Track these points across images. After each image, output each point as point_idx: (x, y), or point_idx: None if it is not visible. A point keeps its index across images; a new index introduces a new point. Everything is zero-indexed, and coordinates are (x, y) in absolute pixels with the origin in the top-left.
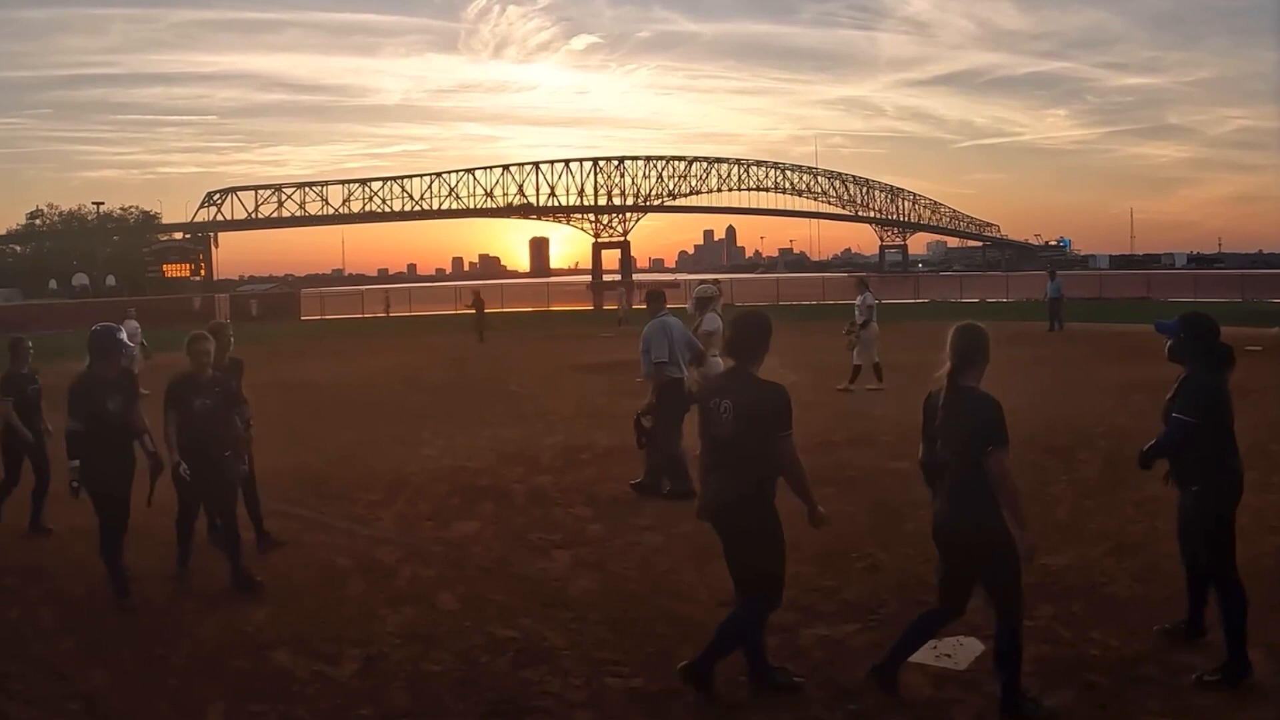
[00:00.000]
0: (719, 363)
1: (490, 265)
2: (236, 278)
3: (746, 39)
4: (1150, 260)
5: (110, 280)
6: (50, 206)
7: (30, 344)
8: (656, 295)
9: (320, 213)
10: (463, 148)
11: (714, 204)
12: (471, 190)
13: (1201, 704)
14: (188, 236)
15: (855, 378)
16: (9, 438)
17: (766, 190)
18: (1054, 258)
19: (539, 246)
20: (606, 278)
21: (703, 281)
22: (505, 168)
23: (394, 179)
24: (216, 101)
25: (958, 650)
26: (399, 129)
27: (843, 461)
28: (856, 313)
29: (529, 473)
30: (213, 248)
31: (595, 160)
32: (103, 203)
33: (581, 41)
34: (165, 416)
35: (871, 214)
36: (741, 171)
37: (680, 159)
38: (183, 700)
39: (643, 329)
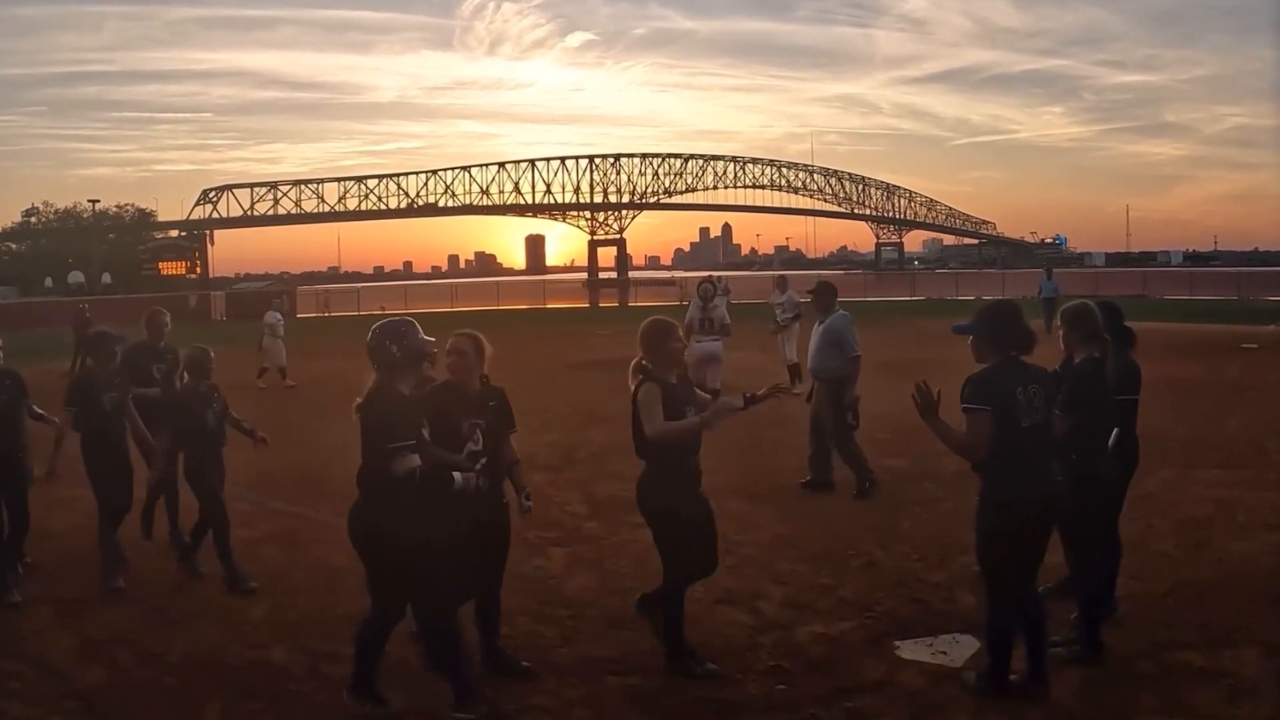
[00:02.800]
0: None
1: (486, 262)
2: (232, 275)
3: (743, 36)
4: (1146, 258)
5: (106, 278)
6: (45, 204)
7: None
8: (830, 288)
9: (316, 210)
10: (459, 145)
11: (710, 201)
12: (467, 188)
13: (1197, 700)
14: (183, 234)
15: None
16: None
17: (762, 188)
18: (1050, 255)
19: (534, 244)
20: (602, 275)
21: (707, 278)
22: (501, 165)
23: (390, 176)
24: (211, 99)
25: (954, 647)
26: (394, 126)
27: (840, 460)
28: (779, 311)
29: (525, 470)
30: (208, 245)
31: (591, 158)
32: (98, 200)
33: (577, 38)
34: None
35: (867, 211)
36: (737, 169)
37: (676, 156)
38: (180, 698)
39: (825, 322)
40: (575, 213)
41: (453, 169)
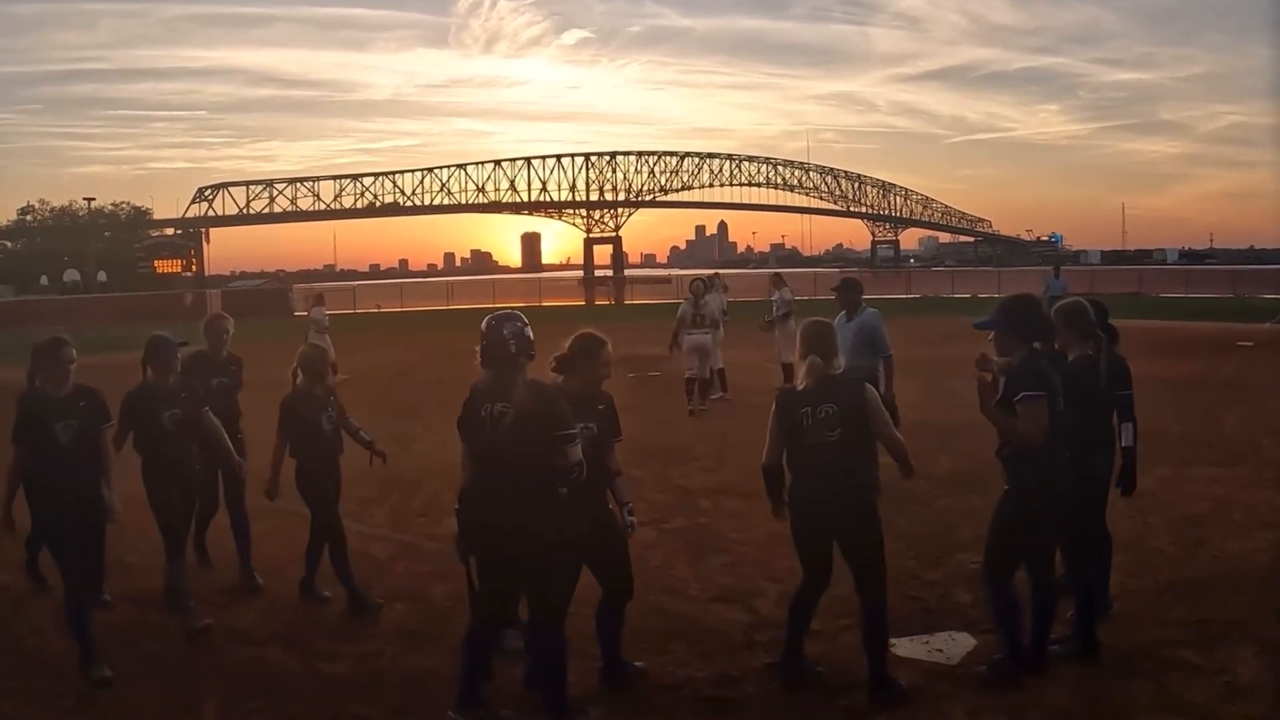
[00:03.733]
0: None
1: (482, 260)
2: (228, 273)
3: (739, 34)
4: (1142, 255)
5: (101, 276)
6: (41, 202)
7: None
8: (856, 285)
9: (311, 208)
10: (454, 143)
11: (706, 199)
12: (463, 186)
13: (1194, 698)
14: (179, 232)
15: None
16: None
17: (758, 185)
18: (1045, 253)
19: (530, 242)
20: (598, 273)
21: (699, 277)
22: (497, 163)
23: (385, 174)
24: (206, 97)
25: (949, 645)
26: (390, 124)
27: None
28: (774, 308)
29: None
30: (204, 243)
31: (587, 156)
32: (94, 198)
33: (573, 36)
34: (563, 449)
35: (863, 209)
36: (733, 167)
37: (672, 154)
38: (177, 697)
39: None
40: (571, 210)
41: (448, 167)
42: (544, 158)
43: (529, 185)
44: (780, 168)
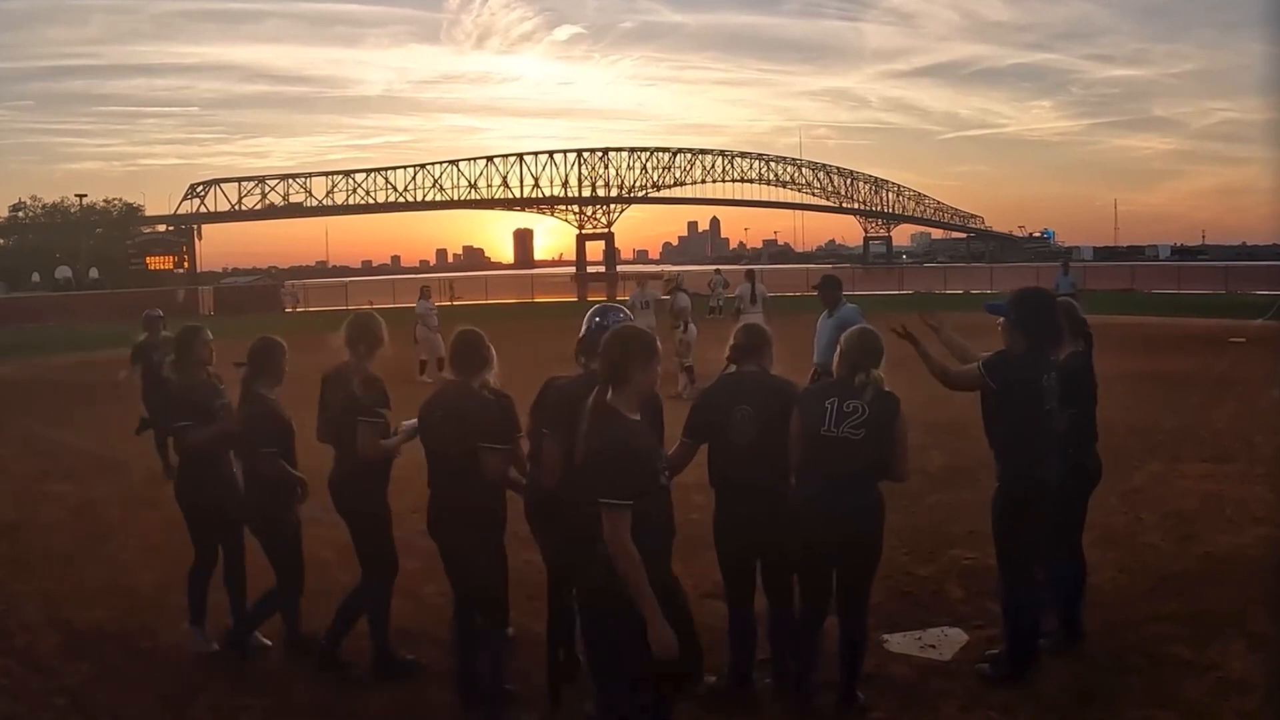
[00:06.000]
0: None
1: (474, 257)
2: (220, 270)
3: (731, 30)
4: (1134, 252)
5: (93, 273)
6: (33, 199)
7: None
8: (835, 282)
9: (304, 204)
10: (446, 139)
11: (698, 195)
12: (455, 182)
13: (1186, 694)
14: (171, 229)
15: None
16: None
17: (751, 181)
18: (1038, 249)
19: (523, 238)
20: (590, 269)
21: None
22: (489, 159)
23: (377, 170)
24: (198, 93)
25: (942, 640)
26: (382, 120)
27: None
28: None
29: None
30: (196, 240)
31: (579, 152)
32: (85, 195)
33: (565, 32)
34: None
35: (856, 205)
36: (726, 163)
37: (664, 150)
38: (169, 694)
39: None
40: (563, 206)
41: (441, 163)
42: (536, 154)
43: (521, 181)
44: (773, 164)
